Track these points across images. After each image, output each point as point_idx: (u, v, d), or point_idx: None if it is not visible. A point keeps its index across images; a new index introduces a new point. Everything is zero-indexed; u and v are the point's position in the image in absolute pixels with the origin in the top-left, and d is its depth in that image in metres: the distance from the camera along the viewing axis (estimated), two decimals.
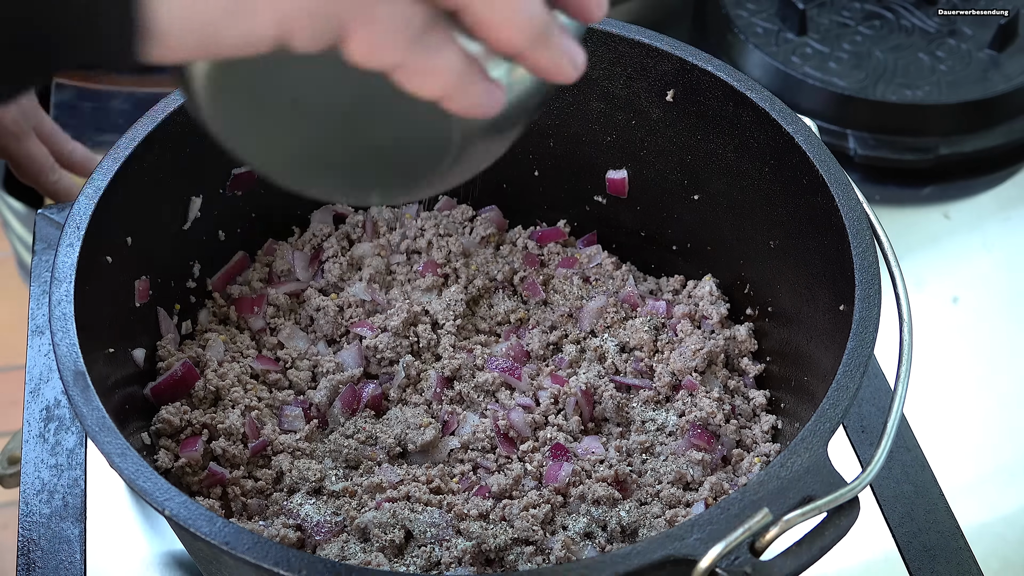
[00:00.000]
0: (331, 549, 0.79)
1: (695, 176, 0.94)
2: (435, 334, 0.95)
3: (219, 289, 0.96)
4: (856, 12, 1.35)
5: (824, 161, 0.81)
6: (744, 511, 0.63)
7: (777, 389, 0.91)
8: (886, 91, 1.25)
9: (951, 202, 1.26)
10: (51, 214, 1.05)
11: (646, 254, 1.01)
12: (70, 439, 0.91)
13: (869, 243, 0.77)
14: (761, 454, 0.86)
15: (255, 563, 0.62)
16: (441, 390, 0.91)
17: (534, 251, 1.01)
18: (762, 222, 0.90)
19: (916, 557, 0.86)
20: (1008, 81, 1.26)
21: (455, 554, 0.78)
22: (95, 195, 0.80)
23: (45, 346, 0.96)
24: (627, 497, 0.84)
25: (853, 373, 0.70)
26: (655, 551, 0.62)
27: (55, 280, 0.75)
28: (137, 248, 0.85)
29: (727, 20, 1.34)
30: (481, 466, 0.86)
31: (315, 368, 0.92)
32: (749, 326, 0.94)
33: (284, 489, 0.84)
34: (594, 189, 1.01)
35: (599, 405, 0.90)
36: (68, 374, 0.71)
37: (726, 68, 0.88)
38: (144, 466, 0.67)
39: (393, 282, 0.99)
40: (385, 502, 0.81)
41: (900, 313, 0.73)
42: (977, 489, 0.98)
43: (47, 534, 0.85)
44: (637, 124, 0.94)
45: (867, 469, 0.65)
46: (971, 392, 1.07)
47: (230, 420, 0.85)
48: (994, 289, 1.17)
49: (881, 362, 0.98)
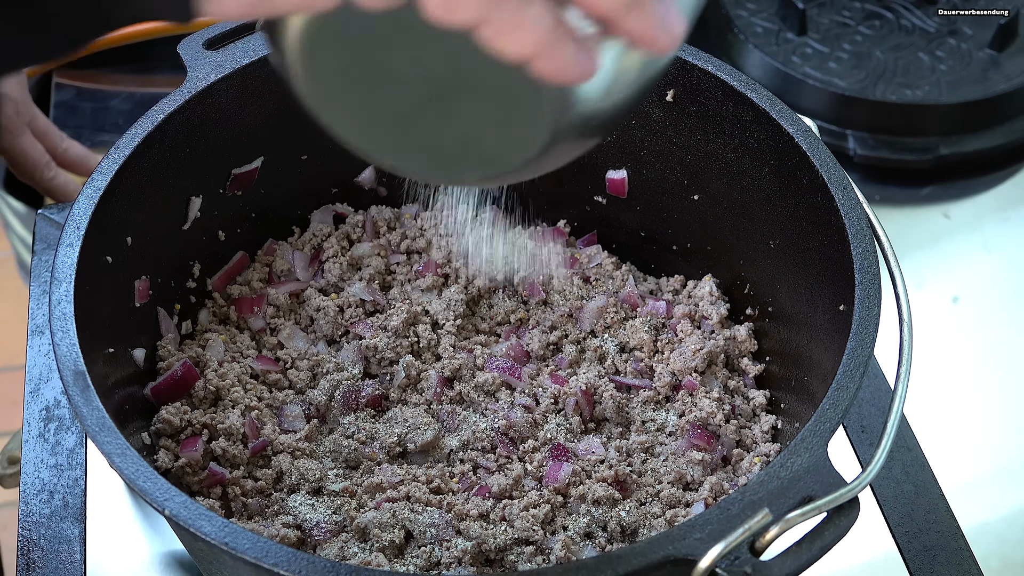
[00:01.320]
0: (331, 549, 0.79)
1: (695, 176, 0.94)
2: (435, 334, 0.95)
3: (219, 289, 0.96)
4: (856, 12, 1.35)
5: (824, 161, 0.81)
6: (744, 511, 0.63)
7: (777, 389, 0.91)
8: (886, 91, 1.25)
9: (951, 202, 1.26)
10: (51, 214, 1.05)
11: (646, 254, 1.01)
12: (70, 439, 0.91)
13: (869, 243, 0.77)
14: (761, 454, 0.86)
15: (255, 563, 0.62)
16: (441, 390, 0.91)
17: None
18: (762, 222, 0.90)
19: (916, 557, 0.86)
20: (1008, 81, 1.26)
21: (455, 554, 0.78)
22: (95, 195, 0.79)
23: (45, 346, 0.96)
24: (627, 497, 0.84)
25: (853, 373, 0.70)
26: (655, 551, 0.62)
27: (55, 280, 0.75)
28: (137, 248, 0.85)
29: (727, 20, 1.34)
30: (481, 466, 0.86)
31: (315, 368, 0.92)
32: (749, 326, 0.94)
33: (284, 489, 0.84)
34: (594, 189, 1.01)
35: (599, 405, 0.90)
36: (68, 374, 0.71)
37: (726, 68, 0.88)
38: (144, 466, 0.67)
39: (393, 282, 0.99)
40: (385, 502, 0.81)
41: (900, 313, 0.73)
42: (977, 489, 0.98)
43: (47, 534, 0.85)
44: (637, 124, 0.94)
45: (867, 469, 0.65)
46: (971, 392, 1.07)
47: (230, 420, 0.85)
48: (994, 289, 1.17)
49: (881, 362, 0.98)
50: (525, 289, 0.99)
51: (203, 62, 0.88)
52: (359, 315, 0.95)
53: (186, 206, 0.91)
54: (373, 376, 0.93)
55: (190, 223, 0.91)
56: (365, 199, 1.03)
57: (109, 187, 0.80)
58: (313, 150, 0.97)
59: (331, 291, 0.97)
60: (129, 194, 0.82)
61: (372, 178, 1.02)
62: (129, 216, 0.83)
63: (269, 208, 0.98)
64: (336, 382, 0.90)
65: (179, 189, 0.90)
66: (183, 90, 0.86)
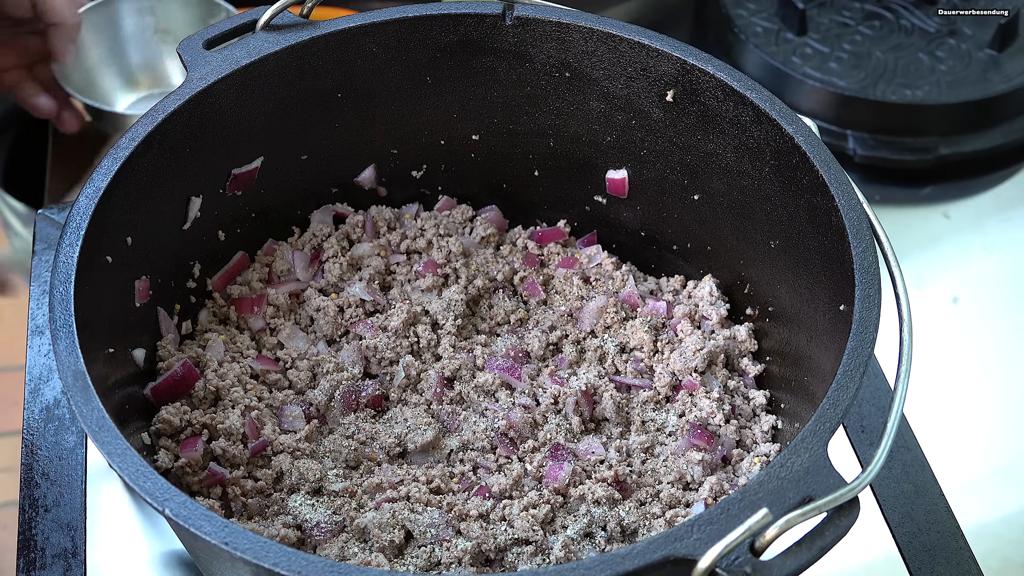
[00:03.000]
0: (331, 549, 0.79)
1: (695, 176, 0.94)
2: (435, 334, 0.95)
3: (219, 289, 0.96)
4: (856, 12, 1.35)
5: (824, 161, 0.81)
6: (744, 511, 0.63)
7: (777, 389, 0.91)
8: (886, 91, 1.25)
9: (951, 202, 1.26)
10: (51, 214, 1.05)
11: (646, 254, 1.01)
12: (70, 439, 0.91)
13: (869, 243, 0.77)
14: (761, 454, 0.86)
15: (255, 563, 0.62)
16: (441, 390, 0.91)
17: (534, 251, 1.01)
18: (762, 222, 0.90)
19: (916, 557, 0.86)
20: (1008, 81, 1.26)
21: (455, 554, 0.78)
22: (95, 195, 0.79)
23: (45, 346, 0.96)
24: (627, 497, 0.84)
25: (853, 373, 0.70)
26: (655, 551, 0.62)
27: (55, 280, 0.75)
28: (137, 248, 0.85)
29: (727, 20, 1.34)
30: (481, 466, 0.86)
31: (315, 368, 0.92)
32: (749, 326, 0.94)
33: (284, 489, 0.84)
34: (594, 189, 1.01)
35: (599, 405, 0.90)
36: (68, 374, 0.71)
37: (726, 68, 0.88)
38: (144, 466, 0.67)
39: (393, 282, 0.99)
40: (385, 502, 0.81)
41: (900, 313, 0.73)
42: (977, 489, 0.99)
43: (47, 534, 0.85)
44: (637, 124, 0.94)
45: (867, 469, 0.65)
46: (971, 392, 1.07)
47: (230, 420, 0.85)
48: (994, 289, 1.17)
49: (881, 362, 0.98)
50: (525, 289, 0.99)
51: (203, 62, 0.88)
52: (359, 315, 0.95)
53: (186, 206, 0.91)
54: (373, 376, 0.93)
55: (190, 223, 0.91)
56: (365, 199, 1.03)
57: (109, 187, 0.80)
58: (313, 150, 0.97)
59: (331, 291, 0.97)
60: (129, 194, 0.82)
61: (372, 178, 1.02)
62: (129, 216, 0.83)
63: (269, 208, 0.98)
64: (336, 382, 0.90)
65: (179, 189, 0.90)
66: (183, 90, 0.86)
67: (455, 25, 0.93)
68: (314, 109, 0.95)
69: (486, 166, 1.02)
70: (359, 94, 0.96)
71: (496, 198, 1.03)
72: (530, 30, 0.92)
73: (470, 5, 0.93)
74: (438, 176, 1.03)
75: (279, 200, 0.98)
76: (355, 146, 1.00)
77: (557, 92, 0.96)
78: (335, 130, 0.97)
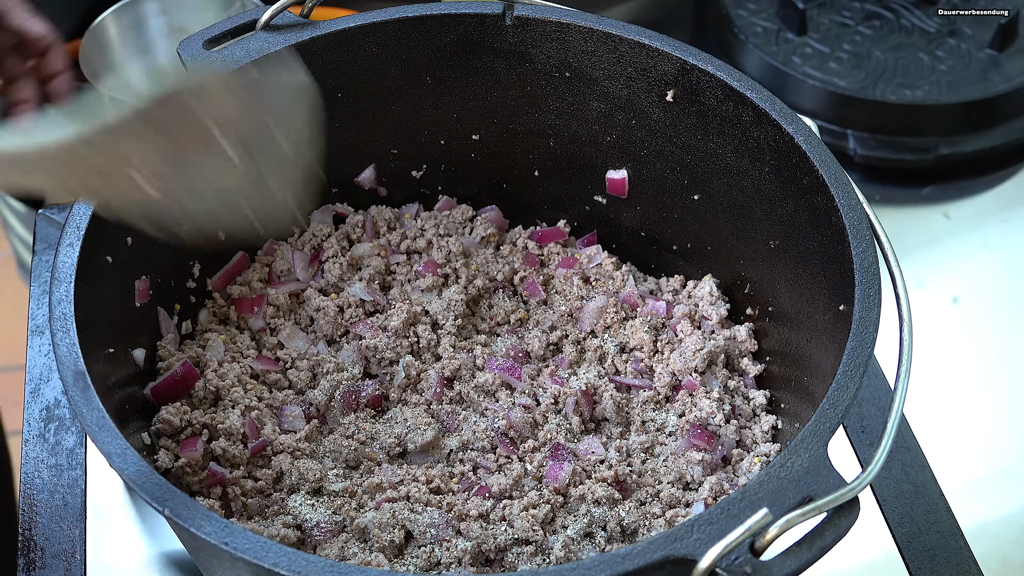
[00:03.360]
0: (331, 549, 0.79)
1: (695, 176, 0.94)
2: (435, 334, 0.95)
3: (219, 289, 0.96)
4: (856, 12, 1.35)
5: (824, 161, 0.81)
6: (744, 511, 0.63)
7: (777, 389, 0.91)
8: (886, 91, 1.25)
9: (951, 202, 1.26)
10: (51, 214, 1.05)
11: (646, 254, 1.01)
12: (70, 439, 0.91)
13: (869, 243, 0.77)
14: (761, 454, 0.86)
15: (255, 563, 0.62)
16: (441, 390, 0.91)
17: (534, 251, 1.01)
18: (762, 222, 0.90)
19: (916, 557, 0.86)
20: (1008, 81, 1.26)
21: (455, 554, 0.78)
22: None
23: (45, 346, 0.96)
24: (627, 497, 0.84)
25: (853, 373, 0.70)
26: (655, 551, 0.62)
27: (55, 280, 0.75)
28: (137, 248, 0.85)
29: (727, 20, 1.34)
30: (481, 466, 0.86)
31: (315, 368, 0.92)
32: (749, 326, 0.94)
33: (284, 489, 0.83)
34: (594, 189, 1.01)
35: (599, 405, 0.90)
36: (68, 374, 0.71)
37: (726, 68, 0.88)
38: (144, 466, 0.67)
39: (393, 282, 0.99)
40: (385, 502, 0.81)
41: (900, 313, 0.73)
42: (977, 489, 0.99)
43: (47, 534, 0.85)
44: (637, 124, 0.94)
45: (867, 469, 0.65)
46: (971, 392, 1.07)
47: (230, 420, 0.85)
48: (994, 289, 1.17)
49: (881, 362, 0.98)
50: (525, 289, 0.99)
51: (203, 62, 0.88)
52: (359, 315, 0.95)
53: None
54: (373, 376, 0.93)
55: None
56: (365, 199, 1.03)
57: None
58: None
59: (331, 291, 0.97)
60: None
61: (372, 178, 1.02)
62: None
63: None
64: (336, 382, 0.90)
65: None
66: None
67: (455, 25, 0.93)
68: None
69: (486, 166, 1.02)
70: (359, 94, 0.96)
71: (496, 198, 1.03)
72: (530, 30, 0.92)
73: (470, 5, 0.93)
74: (438, 176, 1.03)
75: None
76: (355, 146, 1.00)
77: (557, 92, 0.96)
78: (335, 130, 0.97)
